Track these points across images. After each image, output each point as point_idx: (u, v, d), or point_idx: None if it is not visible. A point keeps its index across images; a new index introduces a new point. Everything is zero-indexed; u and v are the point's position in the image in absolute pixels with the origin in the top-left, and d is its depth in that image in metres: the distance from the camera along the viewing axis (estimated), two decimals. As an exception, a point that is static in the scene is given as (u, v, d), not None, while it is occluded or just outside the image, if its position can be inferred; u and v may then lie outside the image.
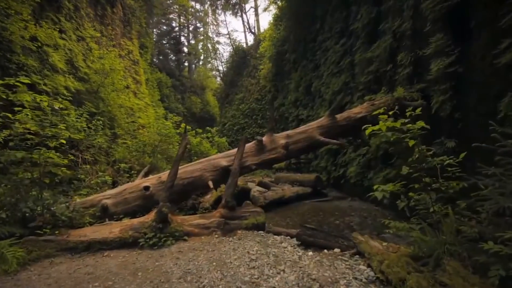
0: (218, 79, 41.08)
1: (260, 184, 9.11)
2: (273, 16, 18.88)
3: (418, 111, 2.71)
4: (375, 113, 2.79)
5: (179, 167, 4.32)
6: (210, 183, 4.00)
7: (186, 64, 42.73)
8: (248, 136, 18.59)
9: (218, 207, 3.92)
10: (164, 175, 4.09)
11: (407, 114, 2.73)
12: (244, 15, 32.28)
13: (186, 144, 3.82)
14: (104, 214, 3.79)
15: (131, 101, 12.19)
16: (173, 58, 40.33)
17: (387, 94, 5.58)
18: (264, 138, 4.44)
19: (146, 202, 3.91)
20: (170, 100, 33.17)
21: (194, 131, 10.36)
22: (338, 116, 4.73)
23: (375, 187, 2.88)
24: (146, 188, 3.94)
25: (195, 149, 9.82)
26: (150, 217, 3.39)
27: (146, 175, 5.57)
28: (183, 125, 9.91)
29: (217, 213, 3.78)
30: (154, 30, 40.17)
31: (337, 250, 3.13)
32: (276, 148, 4.36)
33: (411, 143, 2.64)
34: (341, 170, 8.88)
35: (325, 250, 3.11)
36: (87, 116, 8.36)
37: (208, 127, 13.89)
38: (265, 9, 26.40)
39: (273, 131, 4.52)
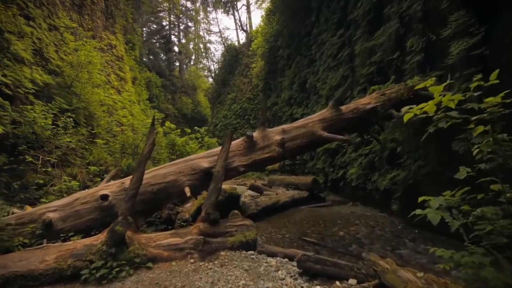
0: (210, 79, 40.27)
1: (251, 187, 8.31)
2: (265, 10, 18.11)
3: (494, 76, 1.91)
4: (420, 86, 1.99)
5: (148, 171, 3.47)
6: (187, 190, 3.17)
7: (177, 63, 41.83)
8: (241, 137, 17.69)
9: (197, 221, 3.07)
10: (129, 180, 3.25)
11: (472, 85, 1.94)
12: (236, 13, 31.48)
13: (153, 140, 2.99)
14: (47, 232, 2.91)
15: (113, 98, 11.18)
16: (164, 57, 39.37)
17: (398, 83, 4.83)
18: (255, 134, 3.63)
19: (104, 215, 3.05)
20: (160, 100, 32.25)
21: (179, 130, 9.46)
22: (343, 107, 3.95)
23: (420, 199, 2.08)
24: (104, 197, 3.08)
25: (180, 150, 8.94)
26: (101, 238, 2.53)
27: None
28: (168, 123, 9.03)
29: (195, 229, 2.95)
30: (144, 29, 39.28)
31: (352, 281, 2.32)
32: (269, 145, 3.55)
33: (479, 130, 1.84)
34: (340, 171, 8.14)
35: (337, 282, 2.31)
36: (55, 113, 7.40)
37: (196, 127, 12.99)
38: (258, 4, 25.54)
39: (266, 126, 3.71)
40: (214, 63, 38.59)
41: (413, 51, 5.29)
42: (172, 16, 41.09)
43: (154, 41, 39.74)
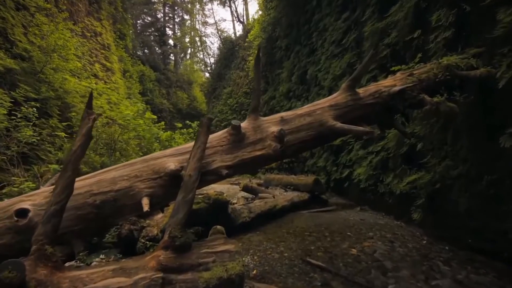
0: (207, 74, 39.28)
1: (245, 188, 7.40)
2: (262, -3, 17.06)
3: None
4: None
5: (92, 174, 2.51)
6: (145, 202, 2.23)
7: (172, 57, 40.81)
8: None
9: (156, 248, 2.15)
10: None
11: None
12: (232, 4, 30.35)
13: (88, 130, 2.03)
14: None
15: (89, 87, 10.05)
16: (158, 51, 38.35)
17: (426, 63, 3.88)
18: (243, 124, 2.68)
19: (22, 239, 2.09)
20: (154, 94, 31.34)
21: (162, 123, 8.45)
22: (360, 90, 3.01)
23: None
24: (21, 213, 2.12)
25: (165, 146, 7.95)
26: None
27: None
28: (149, 114, 8.00)
29: (152, 260, 2.01)
30: (139, 21, 38.34)
31: None
32: (263, 139, 2.60)
33: None
34: (345, 171, 7.23)
35: None
36: (19, 102, 6.42)
37: (188, 121, 12.00)
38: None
39: (259, 113, 2.76)
40: (210, 56, 37.52)
41: (440, 26, 4.34)
42: (167, 8, 39.98)
43: (148, 33, 38.73)
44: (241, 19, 29.25)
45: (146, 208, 2.16)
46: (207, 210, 3.83)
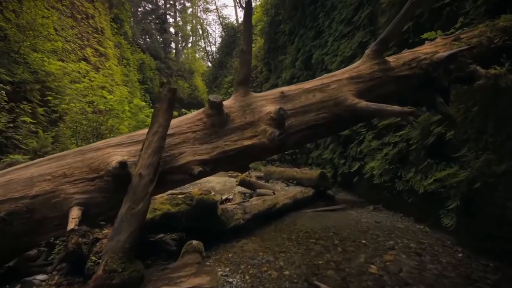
0: (209, 63, 38.31)
1: (242, 183, 6.66)
2: (265, -22, 15.98)
3: None
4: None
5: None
6: (74, 214, 1.48)
7: (173, 46, 39.91)
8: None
9: (90, 284, 1.42)
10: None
11: None
12: (234, -11, 29.04)
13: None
14: None
15: (81, 68, 9.20)
16: (159, 39, 37.52)
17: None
18: (227, 102, 1.91)
19: None
20: (154, 83, 30.67)
21: (152, 110, 7.66)
22: (391, 59, 2.20)
23: None
24: None
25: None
26: None
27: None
28: (137, 100, 7.22)
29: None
30: (139, 9, 37.54)
31: None
32: (255, 123, 1.82)
33: None
34: (354, 164, 6.45)
35: None
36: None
37: (184, 109, 11.22)
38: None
39: (249, 86, 1.97)
40: (211, 44, 36.48)
41: (482, -13, 3.49)
42: (167, -6, 38.84)
43: (149, 21, 37.86)
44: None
45: (72, 225, 1.41)
46: (188, 214, 3.10)
